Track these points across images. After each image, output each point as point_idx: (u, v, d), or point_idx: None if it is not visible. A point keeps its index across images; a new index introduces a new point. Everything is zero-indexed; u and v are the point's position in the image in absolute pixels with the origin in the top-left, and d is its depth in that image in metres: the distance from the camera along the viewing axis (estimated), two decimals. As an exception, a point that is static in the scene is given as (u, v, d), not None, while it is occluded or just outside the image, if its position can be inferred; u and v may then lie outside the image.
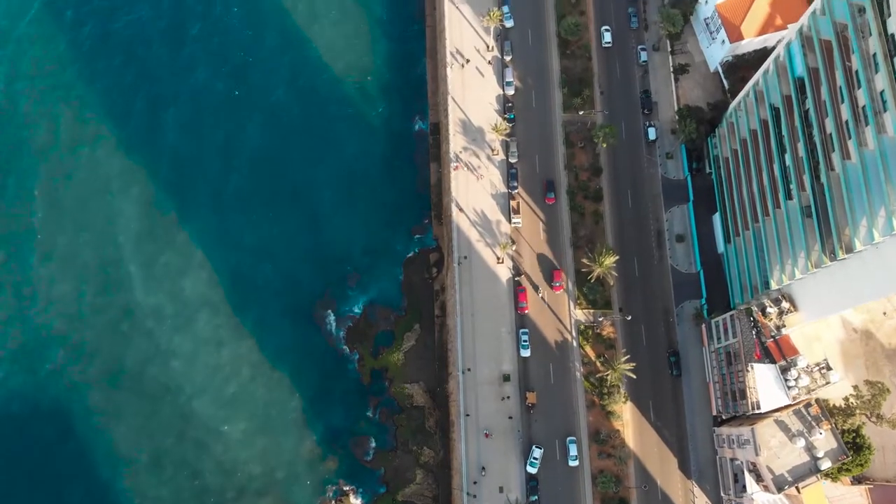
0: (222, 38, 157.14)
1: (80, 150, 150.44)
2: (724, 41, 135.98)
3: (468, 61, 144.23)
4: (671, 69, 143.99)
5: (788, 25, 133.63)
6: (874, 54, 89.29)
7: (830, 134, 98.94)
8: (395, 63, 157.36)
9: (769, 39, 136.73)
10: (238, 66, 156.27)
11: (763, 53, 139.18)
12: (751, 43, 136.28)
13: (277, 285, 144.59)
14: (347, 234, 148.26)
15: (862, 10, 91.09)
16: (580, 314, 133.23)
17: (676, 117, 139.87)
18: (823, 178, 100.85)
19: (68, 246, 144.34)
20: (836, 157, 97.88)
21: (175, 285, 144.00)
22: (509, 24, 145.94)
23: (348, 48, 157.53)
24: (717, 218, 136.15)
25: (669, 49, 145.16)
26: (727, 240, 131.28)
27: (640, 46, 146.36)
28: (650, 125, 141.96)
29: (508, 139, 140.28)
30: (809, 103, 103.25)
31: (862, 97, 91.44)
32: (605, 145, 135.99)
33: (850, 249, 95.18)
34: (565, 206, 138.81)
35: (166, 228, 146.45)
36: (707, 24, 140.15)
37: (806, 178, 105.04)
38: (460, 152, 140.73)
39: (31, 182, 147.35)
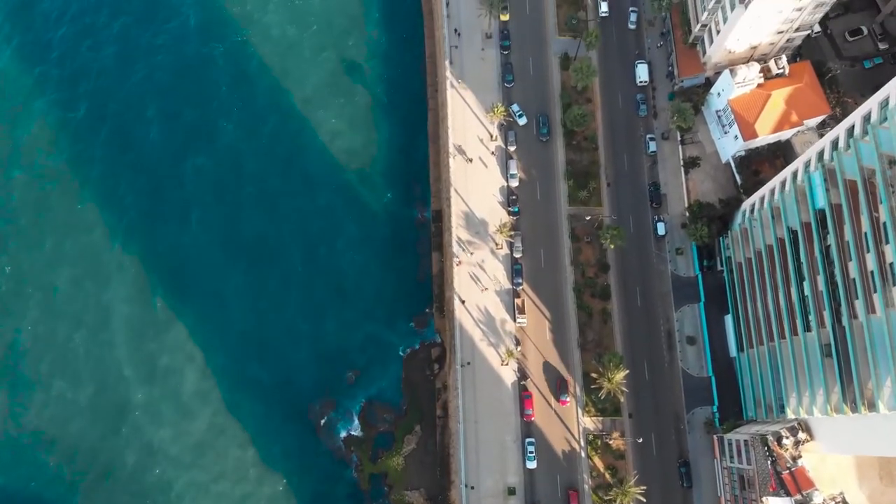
0: (220, 122, 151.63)
1: (76, 240, 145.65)
2: (736, 136, 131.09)
3: (471, 160, 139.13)
4: (681, 161, 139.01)
5: (805, 121, 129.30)
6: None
7: (854, 279, 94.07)
8: (396, 147, 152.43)
9: (785, 133, 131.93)
10: (234, 149, 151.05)
11: (778, 145, 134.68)
12: (765, 138, 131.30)
13: (272, 382, 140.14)
14: (346, 326, 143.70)
15: (893, 163, 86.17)
16: (589, 422, 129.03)
17: (687, 214, 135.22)
18: (845, 322, 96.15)
19: (62, 344, 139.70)
20: (859, 306, 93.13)
21: (169, 382, 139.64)
22: (522, 121, 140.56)
23: (349, 131, 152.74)
24: (729, 319, 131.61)
25: (679, 139, 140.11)
26: (740, 348, 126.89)
27: (648, 136, 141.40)
28: (659, 219, 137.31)
29: (512, 236, 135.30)
30: (831, 239, 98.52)
31: (890, 253, 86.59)
32: (612, 247, 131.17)
33: (872, 406, 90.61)
34: (572, 304, 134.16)
35: (161, 325, 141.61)
36: (719, 117, 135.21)
37: (826, 316, 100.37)
38: (463, 249, 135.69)
39: (25, 276, 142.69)
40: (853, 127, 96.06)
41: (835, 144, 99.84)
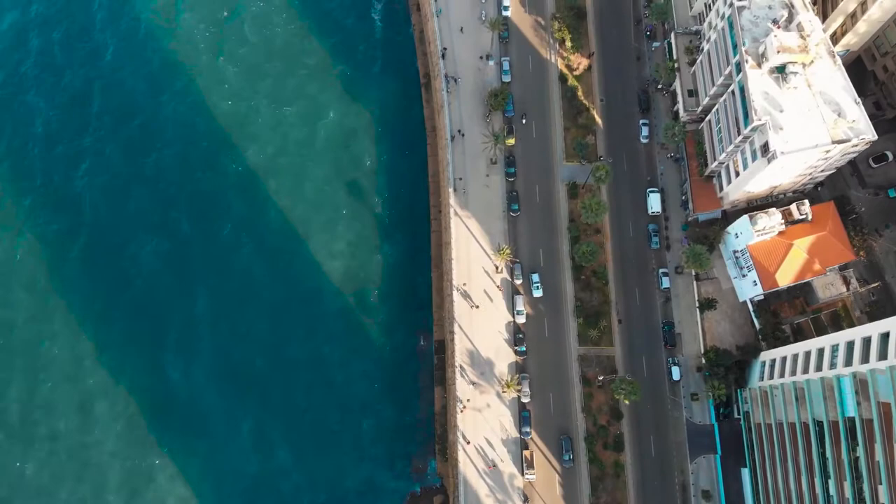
0: (219, 245, 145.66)
1: (60, 371, 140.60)
2: (755, 282, 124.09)
3: (478, 307, 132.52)
4: (696, 302, 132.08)
5: (827, 269, 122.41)
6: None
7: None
8: (396, 269, 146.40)
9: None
10: (229, 275, 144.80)
11: (798, 286, 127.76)
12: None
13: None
14: (341, 466, 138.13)
15: (931, 405, 79.30)
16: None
17: (703, 360, 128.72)
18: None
19: (54, 480, 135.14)
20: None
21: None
22: (538, 294, 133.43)
23: (347, 252, 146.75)
24: (746, 473, 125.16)
25: (694, 275, 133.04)
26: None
27: (661, 270, 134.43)
28: (674, 362, 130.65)
29: (520, 381, 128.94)
30: (860, 452, 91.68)
31: (929, 503, 79.98)
32: (627, 402, 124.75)
33: None
34: (584, 457, 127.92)
35: (148, 459, 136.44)
36: (737, 258, 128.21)
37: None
38: (469, 398, 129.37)
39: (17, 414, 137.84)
40: (888, 335, 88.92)
41: (866, 343, 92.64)
